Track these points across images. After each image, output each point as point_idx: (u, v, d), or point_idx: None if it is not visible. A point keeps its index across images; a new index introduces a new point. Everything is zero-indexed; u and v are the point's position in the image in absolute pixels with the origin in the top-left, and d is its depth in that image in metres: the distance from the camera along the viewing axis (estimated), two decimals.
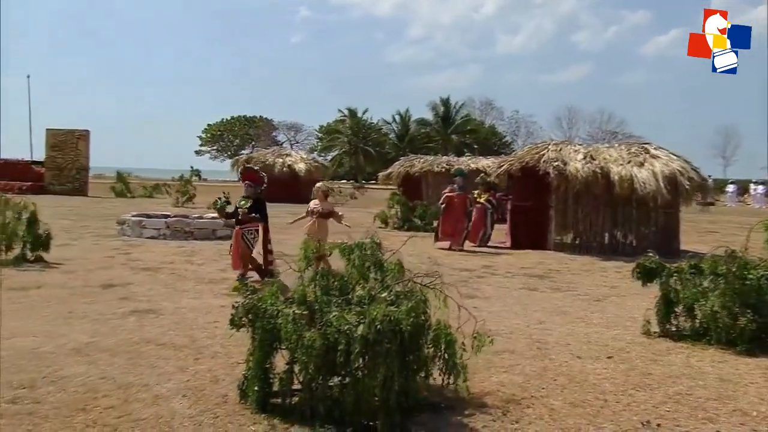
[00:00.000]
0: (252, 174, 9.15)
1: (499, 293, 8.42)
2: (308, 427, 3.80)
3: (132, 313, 6.67)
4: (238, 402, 4.16)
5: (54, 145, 29.72)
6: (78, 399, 4.18)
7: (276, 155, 32.87)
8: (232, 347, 5.39)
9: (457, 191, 13.56)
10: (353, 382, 3.82)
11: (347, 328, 3.78)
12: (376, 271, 4.33)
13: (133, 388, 4.42)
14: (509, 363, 5.20)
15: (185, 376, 4.72)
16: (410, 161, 27.04)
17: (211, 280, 8.85)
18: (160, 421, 3.87)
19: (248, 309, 4.08)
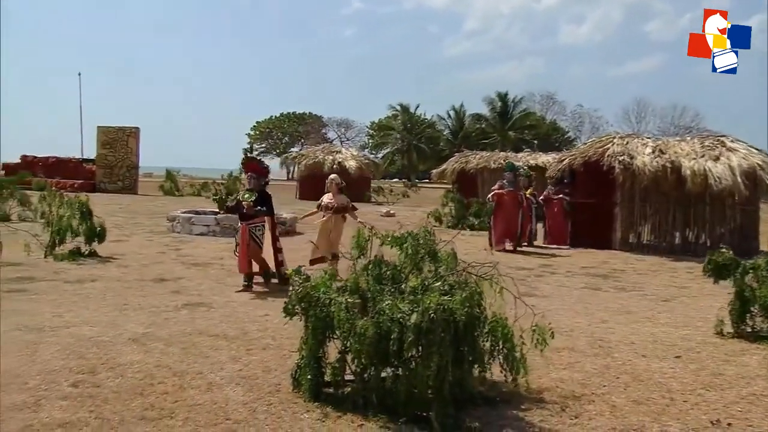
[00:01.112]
0: (255, 164, 8.63)
1: (558, 292, 8.38)
2: (361, 416, 3.94)
3: (184, 306, 7.00)
4: (291, 391, 4.35)
5: (105, 143, 31.07)
6: (135, 384, 4.46)
7: (326, 152, 33.35)
8: (283, 340, 5.62)
9: (507, 187, 13.05)
10: (406, 371, 3.94)
11: (400, 316, 3.91)
12: (430, 261, 4.43)
13: (187, 375, 4.68)
14: (568, 360, 5.22)
15: (238, 365, 4.95)
16: (465, 157, 27.02)
17: (259, 275, 9.13)
18: (214, 407, 4.09)
19: (301, 297, 4.26)
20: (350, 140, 77.71)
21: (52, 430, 3.66)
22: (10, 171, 27.46)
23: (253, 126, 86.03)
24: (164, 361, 4.99)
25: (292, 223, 15.03)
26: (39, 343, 5.34)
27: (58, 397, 4.16)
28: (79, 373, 4.64)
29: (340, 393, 4.20)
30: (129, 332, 5.81)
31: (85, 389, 4.33)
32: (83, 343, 5.41)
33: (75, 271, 8.98)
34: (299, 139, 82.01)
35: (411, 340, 3.83)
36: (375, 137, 78.03)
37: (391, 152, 72.39)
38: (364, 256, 4.48)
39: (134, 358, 5.05)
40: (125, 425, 3.76)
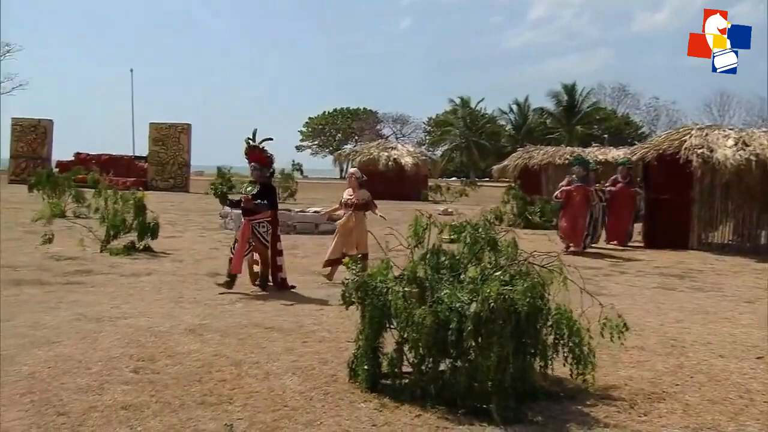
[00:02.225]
0: (258, 154, 8.10)
1: (628, 291, 8.30)
2: (419, 407, 4.07)
3: (239, 300, 7.31)
4: (348, 381, 4.52)
5: (156, 140, 32.29)
6: (193, 372, 4.73)
7: (381, 149, 33.63)
8: (339, 333, 5.82)
9: (575, 183, 12.51)
10: (465, 362, 4.06)
11: (459, 305, 4.02)
12: (490, 250, 4.53)
13: (244, 365, 4.92)
14: (638, 359, 5.22)
15: (294, 356, 5.17)
16: (528, 153, 26.75)
17: (314, 271, 9.42)
18: (272, 394, 4.31)
19: (358, 286, 4.42)
20: (406, 137, 77.88)
21: (116, 411, 3.93)
22: (64, 168, 28.82)
23: (305, 122, 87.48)
24: (221, 351, 5.25)
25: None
26: (99, 332, 5.70)
27: (120, 381, 4.46)
28: (139, 360, 4.95)
29: (398, 384, 4.34)
30: (185, 323, 6.12)
31: (145, 375, 4.62)
32: (141, 332, 5.74)
33: (130, 265, 9.45)
34: (353, 135, 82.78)
35: (470, 329, 3.94)
36: (432, 133, 78.04)
37: (450, 149, 72.25)
38: (421, 246, 4.61)
39: (191, 347, 5.34)
40: (186, 409, 4.01)
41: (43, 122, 33.78)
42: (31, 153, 33.32)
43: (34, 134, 33.60)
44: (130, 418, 3.84)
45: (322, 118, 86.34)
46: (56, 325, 5.85)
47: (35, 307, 6.54)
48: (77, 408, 3.95)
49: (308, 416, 3.96)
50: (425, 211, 4.88)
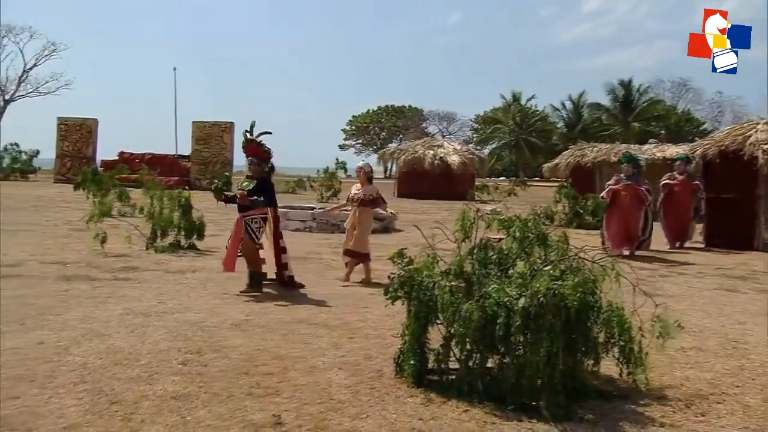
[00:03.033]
0: (255, 147, 7.99)
1: (687, 292, 8.21)
2: (466, 402, 4.16)
3: (284, 297, 7.51)
4: (394, 376, 4.65)
5: (199, 138, 33.04)
6: (240, 365, 4.91)
7: (426, 147, 33.69)
8: (384, 330, 5.95)
9: (624, 182, 11.96)
10: (513, 358, 4.12)
11: (507, 300, 4.10)
12: (539, 245, 4.58)
13: (289, 359, 5.09)
14: (696, 360, 5.19)
15: (340, 352, 5.32)
16: (581, 150, 26.42)
17: (359, 270, 9.55)
18: (318, 388, 4.45)
19: (404, 281, 4.54)
20: (452, 134, 77.65)
21: (166, 400, 4.14)
22: (109, 168, 29.80)
23: (348, 121, 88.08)
24: (266, 346, 5.44)
25: (390, 221, 15.44)
26: (147, 326, 5.96)
27: (169, 373, 4.67)
28: (186, 353, 5.16)
29: (444, 380, 4.43)
30: (231, 319, 6.34)
31: (193, 367, 4.83)
32: (188, 327, 5.97)
33: (175, 262, 9.78)
34: (398, 134, 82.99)
35: (518, 324, 4.01)
36: (480, 131, 77.60)
37: (499, 147, 71.76)
38: (469, 240, 4.70)
39: (237, 342, 5.54)
40: (234, 400, 4.19)
41: (88, 121, 34.91)
42: (76, 152, 34.49)
43: (79, 133, 34.76)
44: (180, 407, 4.04)
45: (366, 116, 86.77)
46: (106, 319, 6.13)
47: (85, 302, 6.85)
48: (129, 397, 4.17)
49: (355, 409, 4.09)
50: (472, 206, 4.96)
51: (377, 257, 10.45)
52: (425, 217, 18.71)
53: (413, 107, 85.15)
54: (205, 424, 3.80)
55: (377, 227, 14.88)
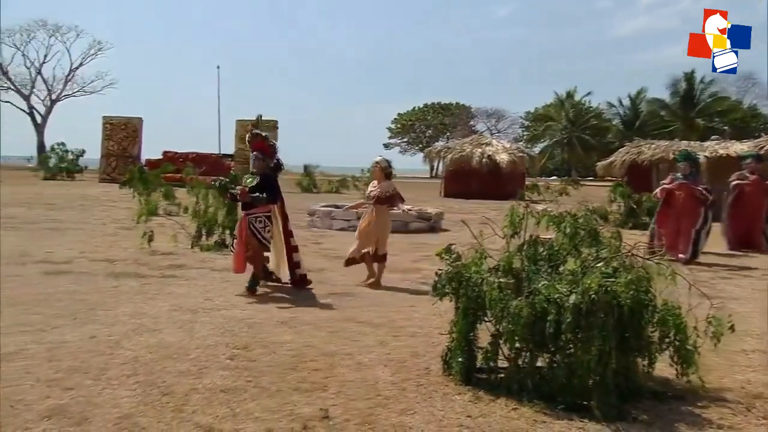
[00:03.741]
0: (260, 142, 7.92)
1: (751, 296, 8.08)
2: (515, 400, 4.23)
3: (329, 295, 7.69)
4: (441, 374, 4.75)
5: (243, 137, 33.62)
6: (287, 361, 5.08)
7: (474, 145, 33.61)
8: (431, 329, 6.06)
9: (679, 181, 11.56)
10: (564, 356, 4.18)
11: (557, 297, 4.15)
12: (591, 242, 4.62)
13: (336, 356, 5.24)
14: (759, 363, 5.15)
15: (386, 349, 5.45)
16: (638, 147, 26.03)
17: (404, 269, 9.70)
18: (365, 384, 4.59)
19: (451, 277, 4.63)
20: (501, 132, 77.33)
21: (216, 394, 4.33)
22: (153, 167, 30.63)
23: (394, 119, 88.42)
24: (313, 343, 5.60)
25: (437, 220, 15.53)
26: (194, 322, 6.19)
27: (218, 367, 4.87)
28: (234, 348, 5.36)
29: (493, 378, 4.51)
30: (277, 316, 6.54)
31: (241, 362, 5.02)
32: (235, 323, 6.18)
33: (221, 260, 10.04)
34: (444, 132, 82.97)
35: (569, 322, 4.06)
36: (531, 129, 76.95)
37: (550, 145, 71.03)
38: (518, 236, 4.76)
39: (284, 338, 5.72)
40: (282, 394, 4.35)
41: (133, 120, 35.94)
42: (121, 151, 35.55)
43: (124, 132, 35.83)
44: (230, 400, 4.22)
45: (412, 113, 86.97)
46: (155, 315, 6.39)
47: (134, 298, 7.14)
48: (179, 390, 4.37)
49: (402, 405, 4.21)
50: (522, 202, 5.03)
51: (424, 257, 10.60)
52: (472, 216, 18.67)
53: (460, 104, 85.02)
54: (254, 416, 3.97)
55: (423, 227, 15.02)
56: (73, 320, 6.09)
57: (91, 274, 8.46)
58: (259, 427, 3.81)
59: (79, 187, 29.67)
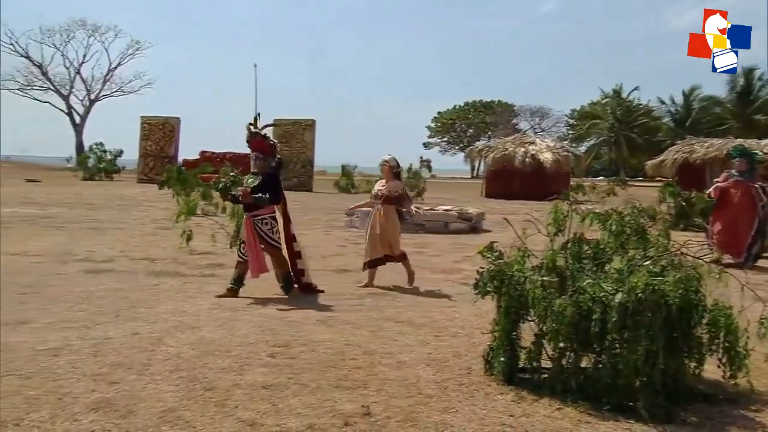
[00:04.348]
0: (259, 141, 7.81)
1: None
2: (559, 401, 4.28)
3: (369, 295, 7.80)
4: (483, 373, 4.81)
5: (281, 137, 33.98)
6: (327, 359, 5.20)
7: (517, 144, 33.47)
8: (473, 329, 6.13)
9: (734, 179, 11.04)
10: (610, 356, 4.20)
11: (603, 296, 4.18)
12: (638, 240, 4.63)
13: (376, 354, 5.34)
14: None
15: (427, 349, 5.53)
16: (689, 146, 25.63)
17: (445, 270, 9.79)
18: (406, 383, 4.68)
19: (493, 275, 4.69)
20: (545, 131, 76.77)
21: (257, 389, 4.46)
22: (191, 167, 31.21)
23: (434, 117, 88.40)
24: (353, 341, 5.71)
25: (478, 220, 15.55)
26: (235, 320, 6.37)
27: (259, 364, 5.01)
28: (274, 346, 5.51)
29: (536, 378, 4.56)
30: (316, 315, 6.68)
31: (282, 360, 5.15)
32: (275, 321, 6.33)
33: None
34: (486, 130, 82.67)
35: (615, 321, 4.09)
36: (577, 127, 76.13)
37: (597, 144, 70.17)
38: (562, 234, 4.80)
39: (324, 336, 5.84)
40: (322, 391, 4.47)
41: (170, 120, 36.67)
42: (158, 151, 36.32)
43: (162, 132, 36.59)
44: (271, 396, 4.35)
45: (453, 112, 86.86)
46: (195, 313, 6.59)
47: (175, 296, 7.36)
48: (222, 385, 4.52)
49: (443, 404, 4.28)
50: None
51: (465, 258, 10.66)
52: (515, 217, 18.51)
53: (503, 102, 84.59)
54: (296, 412, 4.09)
55: (464, 227, 15.05)
56: (116, 317, 6.31)
57: (131, 273, 8.73)
58: (301, 423, 3.92)
59: (117, 188, 30.44)
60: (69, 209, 18.10)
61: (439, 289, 8.27)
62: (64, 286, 7.69)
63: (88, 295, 7.21)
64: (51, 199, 21.41)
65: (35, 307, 6.56)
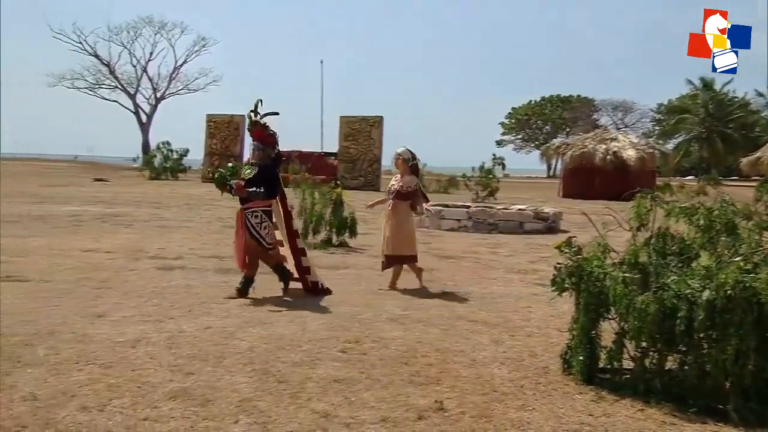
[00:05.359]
0: (260, 130, 7.62)
1: None
2: (641, 401, 4.31)
3: (440, 294, 7.94)
4: (561, 373, 4.89)
5: (347, 135, 34.51)
6: (399, 355, 5.37)
7: (597, 140, 32.92)
8: (550, 330, 6.20)
9: None
10: (696, 355, 4.21)
11: (689, 293, 4.19)
12: (727, 235, 4.61)
13: (449, 352, 5.48)
14: None
15: (501, 348, 5.63)
16: None
17: (520, 270, 9.84)
18: (479, 380, 4.80)
19: (572, 271, 4.76)
20: (629, 127, 74.95)
21: (330, 383, 4.66)
22: None
23: (507, 113, 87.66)
24: (425, 339, 5.86)
25: (555, 219, 15.45)
26: (305, 316, 6.60)
27: (330, 359, 5.22)
28: (346, 342, 5.70)
29: (617, 379, 4.60)
30: (387, 312, 6.85)
31: (353, 355, 5.35)
32: (345, 318, 6.54)
33: (327, 258, 10.53)
34: (563, 127, 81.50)
35: (701, 319, 4.10)
36: (664, 123, 74.16)
37: (686, 141, 68.16)
38: (645, 229, 4.82)
39: (395, 334, 6.01)
40: (395, 386, 4.63)
41: (236, 118, 37.60)
42: (224, 150, 37.32)
43: (227, 130, 37.58)
44: (344, 389, 4.54)
45: (528, 108, 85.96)
46: (264, 309, 6.86)
47: None
48: (294, 378, 4.74)
49: (519, 402, 4.39)
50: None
51: (541, 258, 10.67)
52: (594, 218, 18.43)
53: (582, 97, 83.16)
54: (369, 405, 4.27)
55: (539, 227, 15.00)
56: (188, 312, 6.64)
57: (201, 270, 9.11)
58: (375, 415, 4.10)
59: (183, 187, 31.46)
60: (136, 208, 18.88)
61: (514, 290, 8.33)
62: (137, 281, 8.12)
63: (160, 290, 7.58)
64: (118, 198, 22.35)
65: (111, 302, 6.96)
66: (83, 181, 33.03)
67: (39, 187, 26.31)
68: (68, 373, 4.68)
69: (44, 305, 6.68)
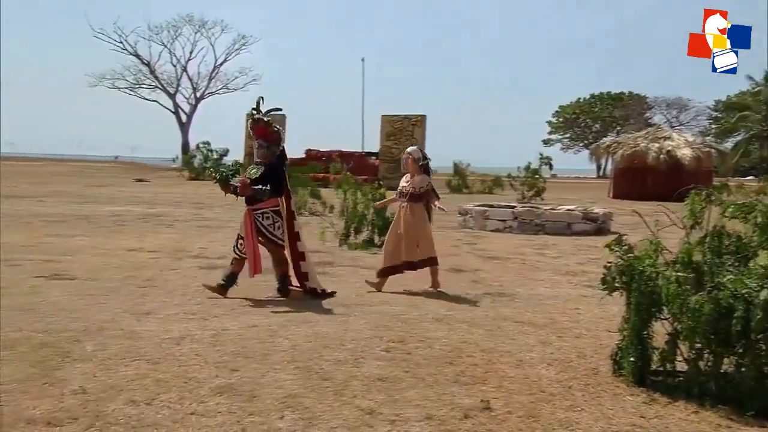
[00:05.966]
0: (262, 128, 7.60)
1: None
2: (696, 404, 4.31)
3: (485, 295, 7.98)
4: (611, 374, 4.90)
5: (389, 134, 34.69)
6: (444, 355, 5.44)
7: (650, 139, 32.49)
8: (599, 332, 6.20)
9: None
10: (753, 357, 4.20)
11: (746, 292, 4.18)
12: None
13: (494, 353, 5.52)
14: None
15: (548, 349, 5.66)
16: None
17: (568, 272, 9.82)
18: (526, 381, 4.83)
19: (622, 270, 4.76)
20: (684, 125, 73.73)
21: (374, 381, 4.75)
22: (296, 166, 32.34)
23: (555, 112, 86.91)
24: (470, 339, 5.92)
25: (605, 220, 15.34)
26: (348, 315, 6.72)
27: (374, 358, 5.31)
28: (389, 341, 5.79)
29: (670, 381, 4.59)
30: (432, 313, 6.93)
31: (397, 354, 5.43)
32: (389, 318, 6.63)
33: (369, 258, 10.64)
34: (614, 125, 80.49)
35: (759, 319, 4.08)
36: (722, 121, 72.69)
37: (746, 140, 66.67)
38: (699, 227, 4.80)
39: (440, 334, 6.08)
40: (440, 385, 4.70)
41: (275, 117, 38.08)
42: None
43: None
44: (388, 388, 4.63)
45: (576, 105, 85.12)
46: (308, 309, 6.99)
47: None
48: (338, 376, 4.84)
49: (568, 402, 4.42)
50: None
51: (590, 260, 10.64)
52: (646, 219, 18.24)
53: (634, 94, 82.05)
54: (414, 403, 4.35)
55: (588, 228, 14.90)
56: (231, 310, 6.80)
57: (243, 270, 9.27)
58: (420, 413, 4.17)
59: None
60: (176, 208, 19.28)
61: (561, 291, 8.33)
62: (180, 280, 8.33)
63: (204, 289, 7.76)
64: (158, 199, 22.84)
65: (156, 300, 7.17)
66: (123, 181, 33.84)
67: (84, 188, 27.03)
68: (116, 368, 4.86)
69: (92, 303, 6.93)
